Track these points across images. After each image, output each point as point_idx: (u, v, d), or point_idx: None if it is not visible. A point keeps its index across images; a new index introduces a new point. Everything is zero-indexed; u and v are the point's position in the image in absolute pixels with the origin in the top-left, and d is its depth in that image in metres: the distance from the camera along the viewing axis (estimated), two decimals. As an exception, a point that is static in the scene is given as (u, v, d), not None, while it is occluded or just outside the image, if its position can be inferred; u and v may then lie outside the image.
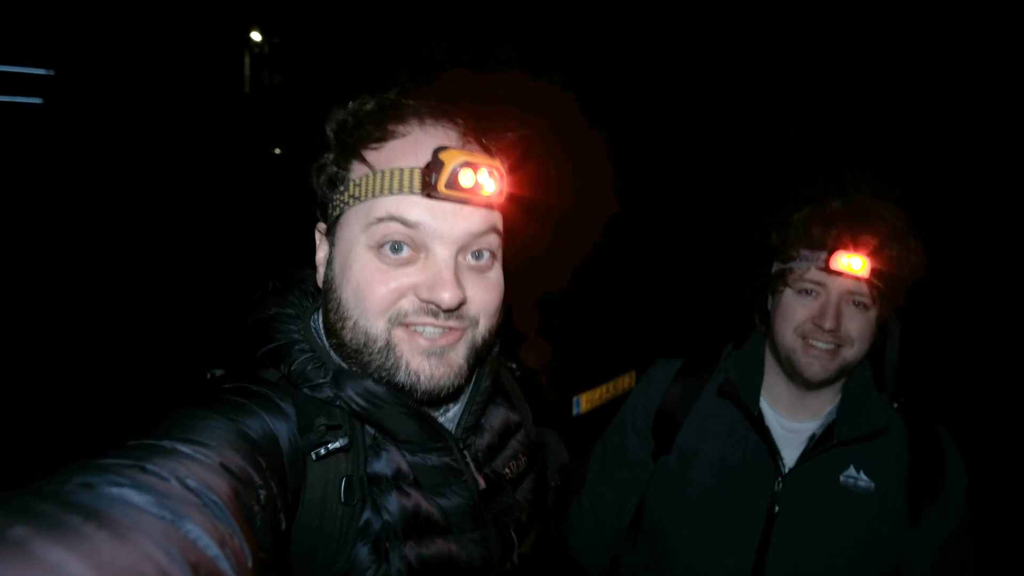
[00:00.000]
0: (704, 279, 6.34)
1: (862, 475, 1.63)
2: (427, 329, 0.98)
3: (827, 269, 1.54)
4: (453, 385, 1.01)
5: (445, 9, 6.47)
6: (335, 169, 1.02)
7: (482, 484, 1.08)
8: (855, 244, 1.52)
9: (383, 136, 0.98)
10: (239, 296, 1.15)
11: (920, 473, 1.63)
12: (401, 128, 0.99)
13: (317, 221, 1.12)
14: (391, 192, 0.95)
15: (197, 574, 0.54)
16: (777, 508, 1.63)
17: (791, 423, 1.74)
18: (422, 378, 0.98)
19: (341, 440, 0.94)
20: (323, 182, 1.04)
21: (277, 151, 8.83)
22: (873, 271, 1.51)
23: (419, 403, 1.02)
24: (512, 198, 1.03)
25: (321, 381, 0.97)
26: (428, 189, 0.92)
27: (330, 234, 1.05)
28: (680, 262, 6.61)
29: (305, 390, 0.97)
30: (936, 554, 1.64)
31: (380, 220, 0.95)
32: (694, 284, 6.42)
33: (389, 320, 0.97)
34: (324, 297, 1.05)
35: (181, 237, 6.80)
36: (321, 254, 1.09)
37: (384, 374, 0.98)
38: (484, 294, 1.02)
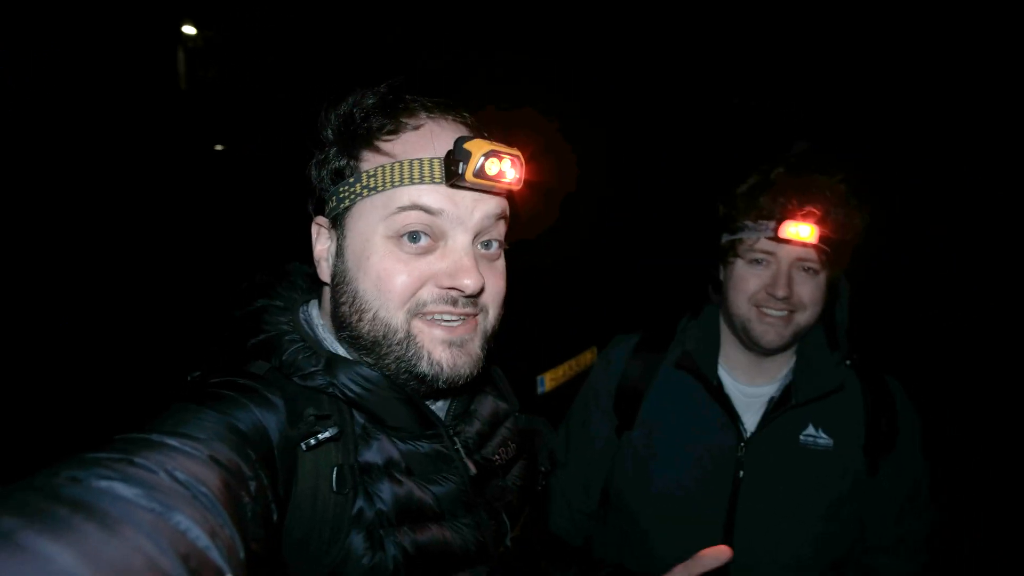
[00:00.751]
0: (653, 252, 6.43)
1: (821, 433, 1.68)
2: (445, 317, 1.00)
3: (776, 238, 1.57)
4: (472, 374, 1.04)
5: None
6: (344, 161, 1.02)
7: (473, 470, 1.10)
8: (802, 212, 1.55)
9: (396, 128, 0.99)
10: (224, 290, 1.15)
11: (876, 424, 1.69)
12: (412, 120, 1.00)
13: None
14: (412, 182, 0.96)
15: (188, 564, 0.55)
16: (742, 473, 1.68)
17: (750, 388, 1.78)
18: (445, 368, 1.00)
19: (331, 430, 0.94)
20: (326, 175, 1.04)
21: (219, 147, 8.56)
22: (821, 237, 1.55)
23: (430, 387, 1.04)
24: (526, 186, 1.07)
25: (313, 369, 0.98)
26: (453, 179, 0.94)
27: (337, 227, 1.04)
28: (627, 237, 6.66)
29: (296, 380, 0.97)
30: (896, 503, 1.70)
31: (402, 209, 0.96)
32: (641, 258, 6.50)
33: (408, 311, 0.99)
34: (335, 291, 1.05)
35: (126, 238, 6.58)
36: (322, 247, 1.08)
37: (404, 365, 1.00)
38: (496, 282, 1.06)
